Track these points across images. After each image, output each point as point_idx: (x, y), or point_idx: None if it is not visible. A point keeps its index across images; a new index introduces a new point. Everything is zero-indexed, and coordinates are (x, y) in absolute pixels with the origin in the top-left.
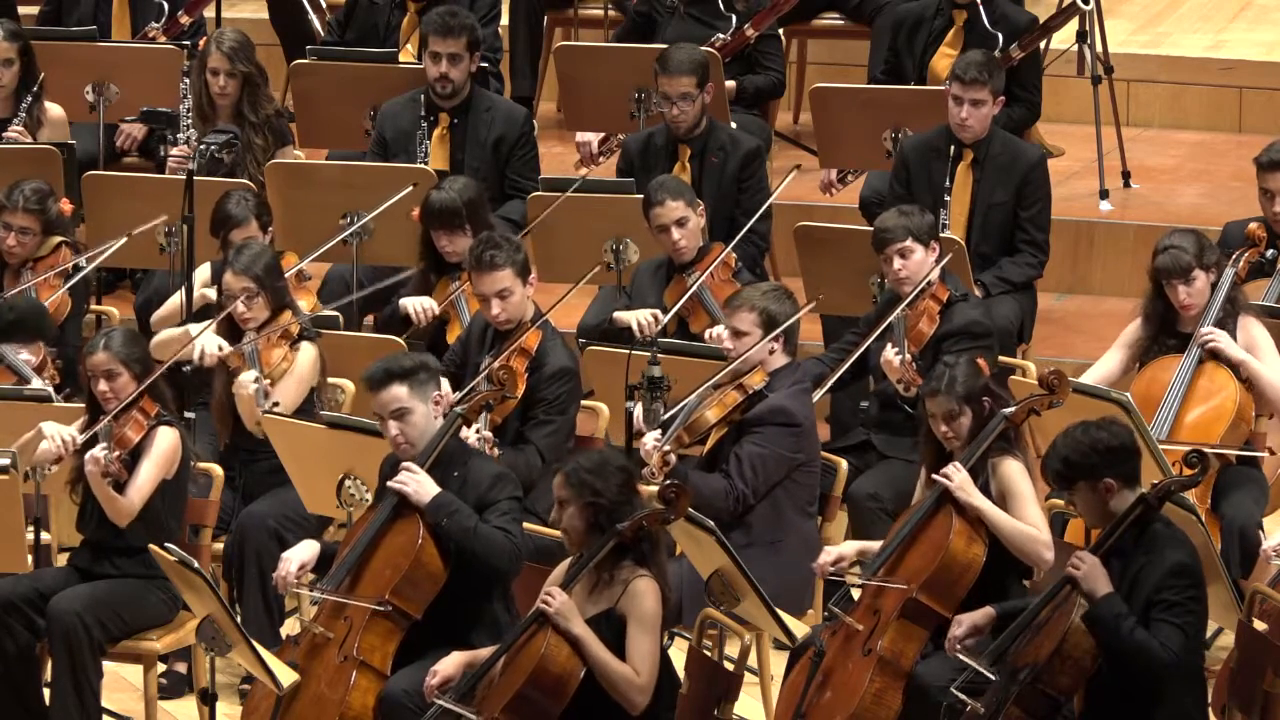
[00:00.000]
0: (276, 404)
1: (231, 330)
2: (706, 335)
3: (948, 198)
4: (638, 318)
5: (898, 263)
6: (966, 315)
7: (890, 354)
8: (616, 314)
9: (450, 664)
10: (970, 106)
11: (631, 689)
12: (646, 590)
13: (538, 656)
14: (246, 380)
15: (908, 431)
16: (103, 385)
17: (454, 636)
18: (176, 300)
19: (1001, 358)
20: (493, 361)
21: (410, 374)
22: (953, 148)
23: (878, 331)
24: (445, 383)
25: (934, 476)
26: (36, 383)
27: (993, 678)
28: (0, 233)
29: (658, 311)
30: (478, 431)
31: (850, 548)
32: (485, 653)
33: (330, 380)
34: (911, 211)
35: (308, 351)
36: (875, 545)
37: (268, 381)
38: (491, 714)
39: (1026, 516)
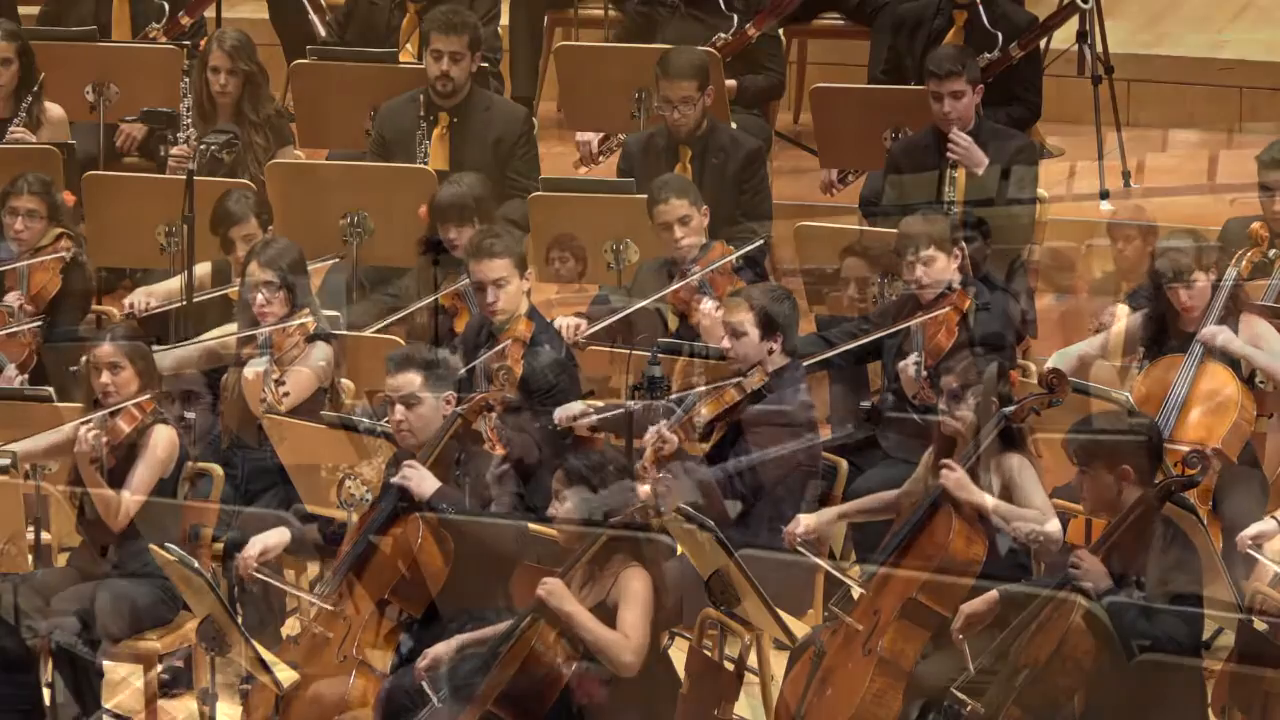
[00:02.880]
0: (288, 393)
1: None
2: (701, 313)
3: (949, 188)
4: (562, 323)
5: (919, 270)
6: (989, 326)
7: (909, 362)
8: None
9: (443, 646)
10: (951, 99)
11: (622, 649)
12: (635, 575)
13: (527, 648)
14: (256, 364)
15: (919, 436)
16: (105, 377)
17: (453, 636)
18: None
19: None
20: (491, 360)
21: (430, 366)
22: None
23: (894, 329)
24: None
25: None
26: (10, 369)
27: (973, 672)
28: (8, 219)
29: (582, 322)
30: (494, 417)
31: (819, 519)
32: (482, 635)
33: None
34: (935, 218)
35: (322, 351)
36: (852, 506)
37: (268, 359)
38: (484, 706)
39: (1032, 504)
